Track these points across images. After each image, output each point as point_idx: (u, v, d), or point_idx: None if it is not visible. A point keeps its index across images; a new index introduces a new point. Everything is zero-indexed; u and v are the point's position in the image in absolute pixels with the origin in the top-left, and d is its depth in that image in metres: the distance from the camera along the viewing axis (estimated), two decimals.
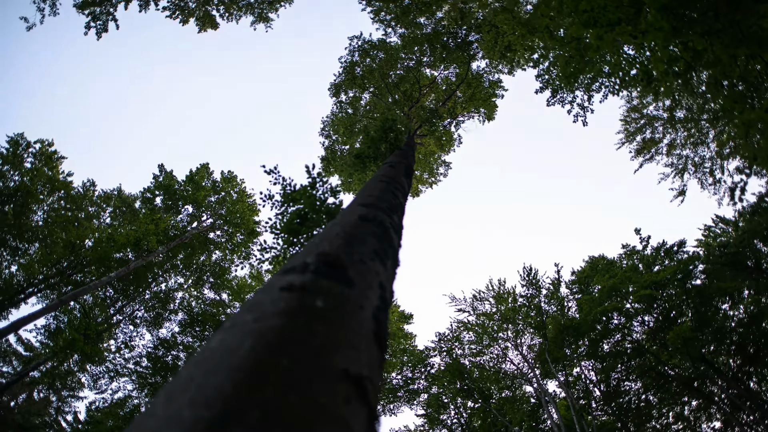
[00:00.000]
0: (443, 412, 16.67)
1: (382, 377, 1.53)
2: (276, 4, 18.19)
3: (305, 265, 1.82)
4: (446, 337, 17.30)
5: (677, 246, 17.01)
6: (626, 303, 16.93)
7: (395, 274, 2.84)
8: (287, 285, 1.55)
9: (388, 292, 2.26)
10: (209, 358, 1.07)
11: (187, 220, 17.59)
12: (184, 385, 0.93)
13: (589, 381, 16.66)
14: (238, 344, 1.10)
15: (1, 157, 15.41)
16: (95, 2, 15.86)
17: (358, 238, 2.38)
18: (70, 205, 15.21)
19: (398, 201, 4.33)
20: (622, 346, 16.66)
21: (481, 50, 16.07)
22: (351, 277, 1.75)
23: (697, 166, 16.17)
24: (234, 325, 1.31)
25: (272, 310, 1.36)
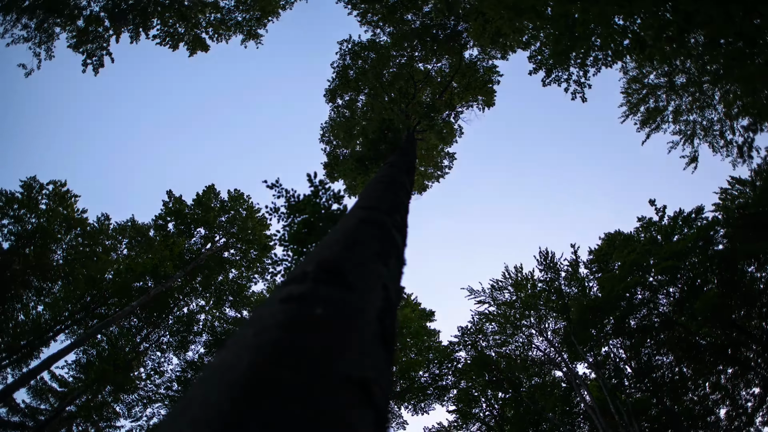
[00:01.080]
0: (475, 406, 16.56)
1: (390, 378, 1.52)
2: (264, 19, 18.33)
3: (304, 275, 1.83)
4: (469, 331, 17.21)
5: (695, 213, 16.66)
6: (649, 277, 16.64)
7: (401, 273, 2.83)
8: (286, 296, 1.56)
9: (393, 292, 2.25)
10: (210, 376, 1.08)
11: (200, 242, 17.83)
12: (187, 404, 0.94)
13: (619, 359, 16.40)
14: (238, 360, 1.11)
15: (17, 201, 15.82)
16: (88, 39, 16.18)
17: (358, 241, 2.38)
18: (87, 240, 15.53)
19: (399, 200, 4.32)
20: (649, 320, 16.37)
21: (471, 39, 15.99)
22: (351, 282, 1.75)
23: (706, 130, 15.83)
24: (235, 341, 1.32)
25: (271, 322, 1.36)
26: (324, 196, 5.62)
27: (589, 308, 15.93)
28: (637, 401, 15.69)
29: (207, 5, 17.23)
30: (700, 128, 15.44)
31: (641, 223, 17.52)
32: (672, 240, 16.77)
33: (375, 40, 17.22)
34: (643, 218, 17.83)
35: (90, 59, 16.34)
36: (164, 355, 16.83)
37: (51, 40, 16.17)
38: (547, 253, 18.07)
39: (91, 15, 15.95)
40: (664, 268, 15.52)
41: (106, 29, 16.27)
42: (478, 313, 17.50)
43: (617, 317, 15.89)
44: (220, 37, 18.09)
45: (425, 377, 17.38)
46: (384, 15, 16.58)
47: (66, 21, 15.88)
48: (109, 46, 16.49)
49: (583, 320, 15.68)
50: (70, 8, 15.71)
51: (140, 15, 16.48)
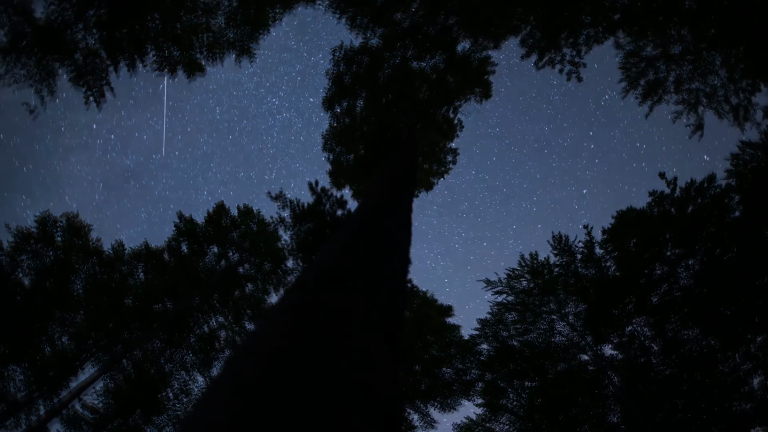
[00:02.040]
0: (502, 397, 16.48)
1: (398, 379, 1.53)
2: (255, 33, 18.49)
3: (305, 282, 1.85)
4: (489, 323, 17.14)
5: (707, 182, 16.39)
6: (666, 251, 16.41)
7: (405, 273, 2.84)
8: (287, 305, 1.59)
9: (398, 293, 2.27)
10: (209, 394, 1.10)
11: (214, 259, 18.08)
12: (186, 425, 0.97)
13: (644, 337, 16.19)
14: (236, 375, 1.13)
15: (33, 237, 16.21)
16: (87, 72, 16.49)
17: (359, 245, 2.40)
18: (104, 269, 15.86)
19: (401, 199, 4.33)
20: (671, 295, 16.13)
21: (461, 31, 15.96)
22: (353, 286, 1.77)
23: (710, 96, 15.58)
24: (236, 355, 1.34)
25: (272, 334, 1.39)
26: (327, 203, 5.65)
27: (609, 288, 15.75)
28: (666, 378, 15.45)
29: (199, 26, 17.44)
30: (703, 95, 15.19)
31: (653, 197, 17.29)
32: (687, 211, 16.51)
33: (366, 44, 17.27)
34: (654, 192, 17.59)
35: (90, 91, 16.64)
36: (189, 374, 17.07)
37: (52, 77, 16.51)
38: (560, 237, 17.93)
39: (88, 48, 16.26)
40: (681, 241, 15.29)
41: (103, 60, 16.56)
42: (496, 303, 17.44)
43: (638, 295, 15.68)
44: (214, 56, 18.26)
45: (449, 373, 17.36)
46: (373, 17, 16.63)
47: (64, 57, 16.21)
48: (108, 77, 16.80)
49: (604, 301, 15.50)
50: (66, 43, 16.03)
51: (134, 44, 16.74)
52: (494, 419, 16.48)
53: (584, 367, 16.74)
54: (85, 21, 16.23)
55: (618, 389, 14.89)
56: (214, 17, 17.79)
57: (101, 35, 16.63)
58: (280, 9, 18.48)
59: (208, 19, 17.67)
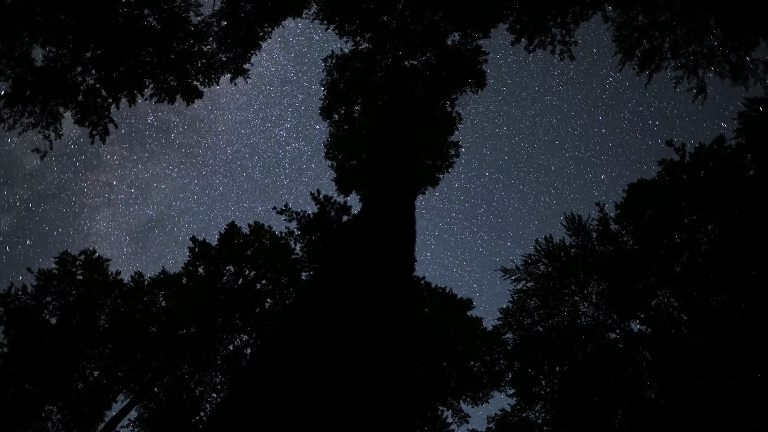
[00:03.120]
0: (534, 385, 16.29)
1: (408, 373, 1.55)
2: (246, 54, 18.72)
3: (307, 293, 1.89)
4: (511, 311, 17.00)
5: (716, 144, 16.06)
6: (683, 219, 16.11)
7: (409, 270, 2.86)
8: (290, 319, 1.62)
9: (403, 291, 2.29)
10: (219, 408, 1.14)
11: (232, 279, 18.31)
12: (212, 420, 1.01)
13: (672, 309, 15.88)
14: (241, 391, 1.17)
15: (55, 278, 16.63)
16: (90, 112, 16.88)
17: (359, 250, 2.43)
18: (126, 300, 16.19)
19: (401, 200, 4.36)
20: (694, 262, 15.80)
21: (449, 24, 15.95)
22: (354, 291, 1.80)
23: (708, 57, 15.28)
24: (246, 371, 1.38)
25: (273, 348, 1.42)
26: (332, 211, 5.71)
27: (629, 263, 15.51)
28: (699, 348, 15.12)
29: (192, 54, 17.73)
30: (701, 57, 14.90)
31: (663, 166, 17.00)
32: (699, 176, 16.19)
33: (357, 49, 17.36)
34: (663, 161, 17.30)
35: (95, 129, 17.03)
36: (220, 395, 17.28)
37: (57, 121, 16.94)
38: (573, 217, 17.73)
39: (88, 88, 16.66)
40: (696, 206, 15.00)
41: (104, 98, 16.94)
42: (516, 291, 17.30)
43: (660, 266, 15.41)
44: (210, 80, 18.53)
45: (477, 366, 17.24)
46: (360, 22, 16.71)
47: (67, 99, 16.63)
48: (110, 114, 17.18)
49: (625, 277, 15.26)
50: (68, 87, 16.44)
51: (133, 78, 17.09)
52: (528, 408, 16.31)
53: (614, 346, 16.48)
54: (83, 63, 16.64)
55: (651, 364, 14.62)
56: (205, 43, 18.07)
57: (99, 74, 17.01)
58: (268, 26, 18.69)
59: (201, 46, 17.95)
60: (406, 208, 4.04)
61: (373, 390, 1.12)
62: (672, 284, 15.82)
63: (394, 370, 1.28)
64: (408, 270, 2.39)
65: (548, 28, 9.95)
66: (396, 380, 1.24)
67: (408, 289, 2.18)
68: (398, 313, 1.73)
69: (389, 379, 1.22)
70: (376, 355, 1.32)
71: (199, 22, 17.43)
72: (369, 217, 3.06)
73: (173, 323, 14.96)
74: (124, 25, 16.05)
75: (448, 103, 17.36)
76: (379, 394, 1.10)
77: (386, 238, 2.58)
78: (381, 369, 1.25)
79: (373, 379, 1.17)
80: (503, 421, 16.90)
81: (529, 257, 17.68)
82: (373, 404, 1.07)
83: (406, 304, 1.89)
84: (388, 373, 1.25)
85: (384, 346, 1.41)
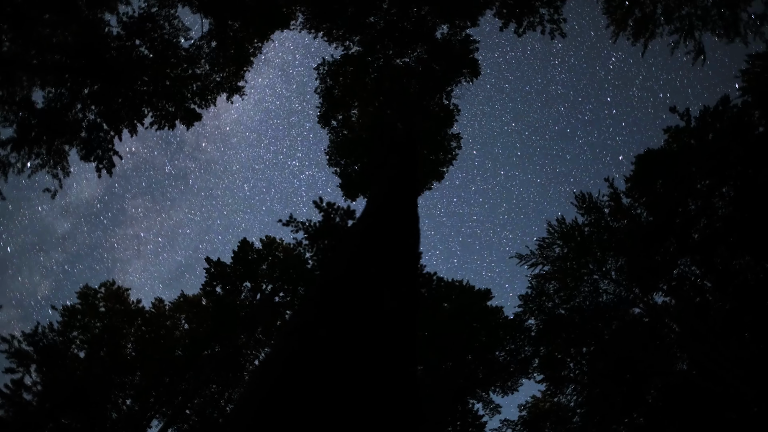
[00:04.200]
0: (562, 369, 16.13)
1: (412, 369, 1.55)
2: (239, 71, 18.89)
3: (308, 302, 1.90)
4: (531, 297, 16.84)
5: (721, 105, 15.74)
6: (696, 184, 15.82)
7: (413, 267, 2.85)
8: (292, 328, 1.64)
9: (408, 286, 2.28)
10: (228, 417, 1.16)
11: (250, 295, 18.48)
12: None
13: (694, 277, 15.59)
14: (247, 403, 1.18)
15: (79, 312, 16.97)
16: (94, 146, 17.17)
17: (361, 253, 2.43)
18: (149, 327, 16.45)
19: (403, 198, 4.36)
20: (712, 227, 15.50)
21: (436, 18, 15.91)
22: (355, 296, 1.80)
23: (703, 18, 14.99)
24: (250, 383, 1.40)
25: (277, 358, 1.43)
26: (336, 216, 5.73)
27: (645, 235, 15.27)
28: (727, 313, 14.82)
29: (187, 78, 17.95)
30: (696, 19, 14.62)
31: (668, 133, 16.71)
32: (708, 139, 15.88)
33: (348, 53, 17.40)
34: (669, 128, 17.00)
35: (101, 163, 17.32)
36: None
37: (63, 159, 17.27)
38: (583, 196, 17.51)
39: (90, 123, 16.98)
40: (707, 170, 14.72)
41: (106, 132, 17.24)
42: (534, 276, 17.13)
43: (677, 235, 15.14)
44: (207, 101, 18.72)
45: (502, 356, 17.12)
46: (348, 27, 16.74)
47: (71, 137, 16.95)
48: (114, 147, 17.47)
49: (643, 249, 15.03)
50: (70, 124, 16.76)
51: (131, 108, 17.35)
52: (559, 392, 16.14)
53: (639, 321, 16.24)
54: (82, 99, 16.95)
55: (679, 335, 14.38)
56: (198, 66, 18.28)
57: (99, 109, 17.30)
58: (258, 41, 18.83)
59: (194, 69, 18.15)
60: (407, 207, 4.03)
61: (378, 395, 1.11)
62: (692, 252, 15.53)
63: (398, 374, 1.27)
64: (410, 270, 2.38)
65: (535, 9, 9.88)
66: (401, 384, 1.24)
67: (411, 289, 2.17)
68: (401, 314, 1.73)
69: (393, 384, 1.21)
70: (380, 359, 1.32)
71: (189, 46, 17.64)
72: (369, 220, 3.06)
73: (197, 344, 15.16)
74: (117, 58, 16.32)
75: (444, 96, 17.30)
76: (383, 399, 1.10)
77: (387, 240, 2.57)
78: (385, 373, 1.25)
79: (377, 384, 1.17)
80: (535, 407, 16.78)
81: (543, 241, 17.51)
82: (378, 409, 1.07)
83: (409, 305, 1.89)
84: (393, 377, 1.25)
85: (388, 349, 1.41)
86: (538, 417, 17.35)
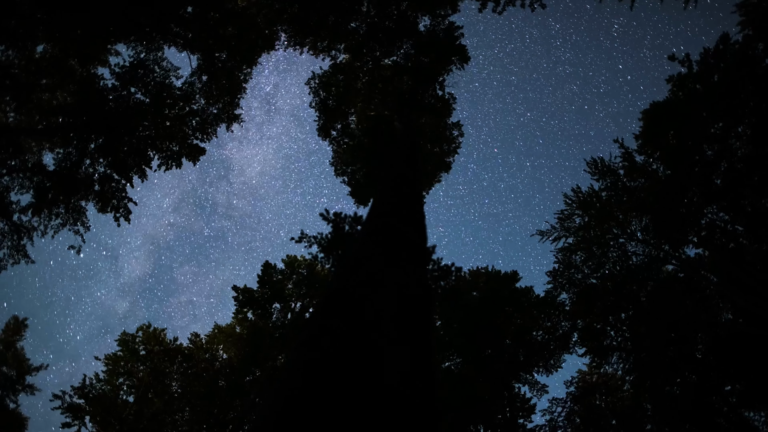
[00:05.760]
0: (603, 338, 15.83)
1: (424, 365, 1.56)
2: (234, 99, 19.19)
3: (314, 314, 1.92)
4: (559, 272, 16.58)
5: (721, 43, 15.25)
6: (709, 129, 15.36)
7: (421, 264, 2.85)
8: (300, 341, 1.66)
9: (414, 284, 2.29)
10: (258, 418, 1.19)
11: (281, 315, 18.72)
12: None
13: (724, 223, 15.12)
14: (263, 419, 1.21)
15: (121, 359, 17.46)
16: (108, 197, 17.64)
17: (365, 257, 2.45)
18: (190, 363, 16.82)
19: (405, 195, 4.36)
20: (734, 170, 15.02)
21: (416, 11, 15.86)
22: (357, 304, 1.81)
23: None
24: (270, 394, 1.43)
25: (289, 369, 1.47)
26: (346, 225, 5.77)
27: (665, 190, 14.90)
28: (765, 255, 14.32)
29: (185, 115, 18.33)
30: None
31: (672, 82, 16.28)
32: (713, 81, 15.41)
33: (336, 62, 17.49)
34: (672, 77, 16.56)
35: (117, 212, 17.79)
36: None
37: (82, 215, 17.80)
38: (595, 161, 17.18)
39: (101, 176, 17.48)
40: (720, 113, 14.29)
41: (118, 181, 17.71)
42: (558, 250, 16.87)
43: (699, 184, 14.73)
44: (207, 135, 19.07)
45: (540, 335, 16.91)
46: (330, 37, 16.81)
47: (85, 192, 17.47)
48: (127, 194, 17.93)
49: (665, 205, 14.66)
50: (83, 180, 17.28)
51: (138, 154, 17.78)
52: (604, 362, 15.84)
53: (674, 277, 15.84)
54: (90, 155, 17.45)
55: (718, 285, 13.97)
56: (194, 101, 18.64)
57: (107, 161, 17.78)
58: (246, 67, 19.10)
59: (190, 105, 18.52)
60: (409, 204, 4.03)
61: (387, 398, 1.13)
62: (717, 198, 15.08)
63: (409, 376, 1.28)
64: (416, 266, 2.37)
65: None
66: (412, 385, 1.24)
67: (419, 286, 2.16)
68: (411, 313, 1.74)
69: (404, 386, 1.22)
70: (386, 361, 1.33)
71: (182, 84, 18.02)
72: (372, 222, 3.07)
73: (238, 372, 15.43)
74: (116, 109, 16.76)
75: (437, 87, 17.21)
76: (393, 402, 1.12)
77: (389, 239, 2.58)
78: (393, 376, 1.25)
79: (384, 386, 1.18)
80: (582, 381, 16.49)
81: (562, 213, 17.23)
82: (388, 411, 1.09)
83: (419, 303, 1.89)
84: (402, 379, 1.26)
85: (394, 350, 1.42)
86: (586, 390, 17.06)
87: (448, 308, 16.62)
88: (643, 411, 15.77)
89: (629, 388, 16.28)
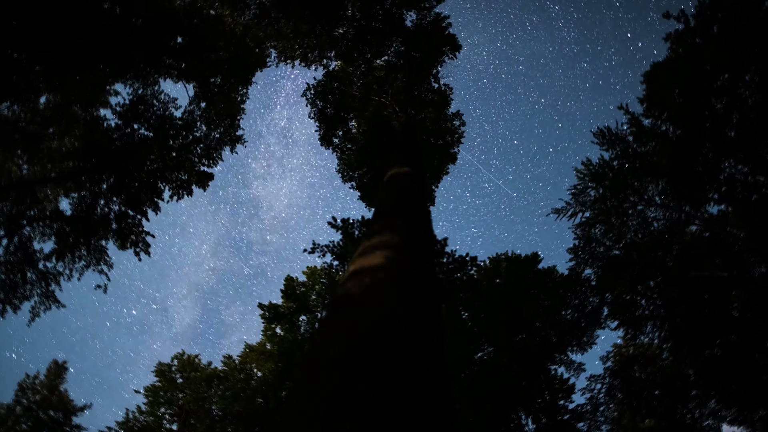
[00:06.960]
0: (635, 309, 15.50)
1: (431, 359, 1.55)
2: (234, 121, 19.43)
3: (321, 321, 1.93)
4: (580, 247, 16.30)
5: None
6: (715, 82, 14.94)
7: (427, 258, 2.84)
8: (306, 351, 1.67)
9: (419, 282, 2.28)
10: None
11: (308, 327, 18.86)
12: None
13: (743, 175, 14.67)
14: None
15: (161, 389, 17.84)
16: (126, 234, 18.02)
17: (368, 259, 2.45)
18: (226, 384, 17.08)
19: (408, 190, 4.35)
20: (747, 119, 14.55)
21: (401, 7, 15.83)
22: (358, 307, 1.81)
23: None
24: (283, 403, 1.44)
25: (296, 376, 1.48)
26: (355, 230, 5.78)
27: (678, 150, 14.54)
28: None
29: (189, 144, 18.64)
30: None
31: (670, 40, 15.86)
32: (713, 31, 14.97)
33: (328, 70, 17.58)
34: (669, 35, 16.13)
35: (137, 247, 18.18)
36: None
37: (104, 254, 18.24)
38: (601, 131, 16.86)
39: (117, 214, 17.88)
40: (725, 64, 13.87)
41: (133, 217, 18.10)
42: (576, 226, 16.59)
43: (711, 140, 14.33)
44: (213, 160, 19.36)
45: (569, 313, 16.64)
46: (321, 46, 16.89)
47: (104, 232, 17.89)
48: (144, 228, 18.30)
49: (680, 165, 14.30)
50: (99, 220, 17.70)
51: (149, 188, 18.14)
52: (639, 333, 15.51)
53: (699, 237, 15.43)
54: (103, 195, 17.87)
55: (746, 239, 13.56)
56: (195, 129, 18.94)
57: (121, 198, 18.18)
58: (242, 87, 19.33)
59: (193, 133, 18.82)
60: (414, 198, 4.03)
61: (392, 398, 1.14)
62: (733, 151, 14.64)
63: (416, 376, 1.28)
64: (425, 256, 2.37)
65: None
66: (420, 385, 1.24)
67: (429, 274, 2.17)
68: (416, 310, 1.74)
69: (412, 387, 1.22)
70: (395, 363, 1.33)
71: (182, 113, 18.33)
72: (376, 223, 3.08)
73: (274, 388, 15.60)
74: (122, 147, 17.14)
75: (432, 80, 17.15)
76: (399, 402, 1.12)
77: (394, 238, 2.57)
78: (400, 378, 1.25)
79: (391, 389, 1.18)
80: (619, 355, 16.17)
81: (575, 188, 16.94)
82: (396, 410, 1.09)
83: (426, 299, 1.89)
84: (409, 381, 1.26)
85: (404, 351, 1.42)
86: (624, 364, 16.72)
87: (469, 299, 16.48)
88: (685, 378, 15.39)
89: (668, 356, 15.90)
